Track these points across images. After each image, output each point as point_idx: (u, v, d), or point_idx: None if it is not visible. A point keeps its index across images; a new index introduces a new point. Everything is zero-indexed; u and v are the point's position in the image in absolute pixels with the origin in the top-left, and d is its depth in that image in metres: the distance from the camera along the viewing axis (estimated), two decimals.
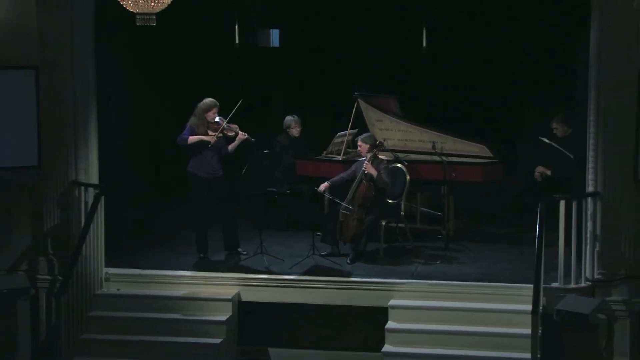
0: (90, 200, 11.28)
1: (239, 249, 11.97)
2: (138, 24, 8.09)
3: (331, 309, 11.17)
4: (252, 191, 12.09)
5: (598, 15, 10.56)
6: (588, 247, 10.80)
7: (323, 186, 11.88)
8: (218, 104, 11.66)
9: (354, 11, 14.37)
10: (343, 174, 12.04)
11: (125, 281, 11.48)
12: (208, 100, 11.68)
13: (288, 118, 13.09)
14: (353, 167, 12.07)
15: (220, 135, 11.62)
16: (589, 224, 10.77)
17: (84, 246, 11.00)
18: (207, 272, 11.47)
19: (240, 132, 11.73)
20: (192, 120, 11.65)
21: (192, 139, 11.56)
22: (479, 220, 13.20)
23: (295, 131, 13.06)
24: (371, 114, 12.99)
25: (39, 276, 11.36)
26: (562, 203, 10.67)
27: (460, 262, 11.85)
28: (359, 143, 12.00)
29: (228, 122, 11.66)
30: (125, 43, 12.21)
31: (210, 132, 11.62)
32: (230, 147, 11.79)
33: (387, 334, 10.73)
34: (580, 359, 9.98)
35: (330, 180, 11.96)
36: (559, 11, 12.30)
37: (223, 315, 11.06)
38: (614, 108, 10.56)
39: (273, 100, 15.00)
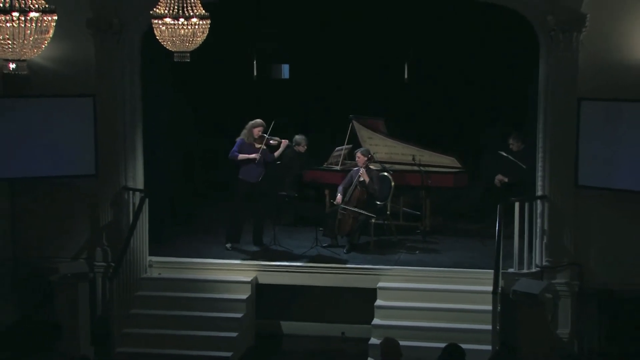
0: (137, 201, 11.29)
1: (262, 243, 11.94)
2: (175, 60, 8.09)
3: (331, 290, 11.19)
4: (268, 194, 12.12)
5: (545, 54, 10.61)
6: (538, 239, 10.82)
7: (338, 199, 11.81)
8: (264, 124, 11.66)
9: (350, 50, 14.42)
10: (343, 184, 11.95)
11: (165, 267, 11.50)
12: (257, 120, 11.70)
13: (298, 137, 12.99)
14: (348, 176, 12.06)
15: (265, 147, 11.62)
16: (538, 221, 10.79)
17: (131, 239, 11.03)
18: (231, 260, 11.46)
19: (282, 140, 11.75)
20: (243, 134, 11.65)
21: (241, 156, 11.56)
22: (450, 218, 13.17)
23: (302, 148, 12.98)
24: (363, 133, 13.00)
25: (96, 263, 11.37)
26: (517, 204, 10.70)
27: (435, 251, 11.86)
28: (358, 155, 11.96)
29: (270, 135, 11.68)
30: (168, 72, 12.23)
31: (256, 145, 11.61)
32: (276, 153, 11.78)
33: (376, 310, 10.76)
34: (531, 330, 9.97)
35: (339, 192, 11.84)
36: (514, 51, 12.37)
37: (244, 294, 11.08)
38: (558, 128, 10.59)
39: (283, 121, 14.99)
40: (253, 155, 11.54)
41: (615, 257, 10.59)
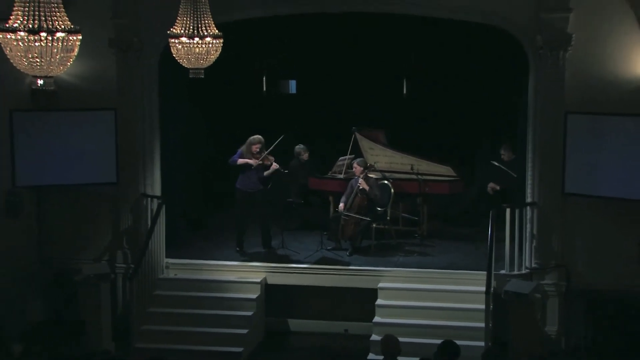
0: (155, 207, 11.32)
1: (270, 246, 11.91)
2: (190, 77, 8.12)
3: (335, 290, 11.20)
4: (276, 201, 12.12)
5: (534, 71, 10.64)
6: (527, 243, 10.81)
7: (341, 207, 11.80)
8: (263, 140, 11.61)
9: (353, 67, 14.41)
10: (346, 194, 11.92)
11: (181, 268, 11.52)
12: (256, 136, 11.64)
13: (298, 147, 12.96)
14: (349, 185, 12.04)
15: (260, 162, 11.63)
16: (528, 226, 10.79)
17: (149, 242, 11.04)
18: (242, 262, 11.48)
19: (274, 164, 11.71)
20: (243, 148, 11.65)
21: (240, 161, 11.56)
22: (446, 223, 13.14)
23: (304, 157, 12.98)
24: (365, 144, 12.97)
25: (117, 264, 11.40)
26: (508, 210, 10.72)
27: (432, 254, 11.84)
28: (354, 165, 11.97)
29: (268, 154, 11.68)
30: (183, 88, 12.25)
31: (253, 159, 11.63)
32: (266, 173, 11.67)
33: (376, 309, 10.77)
34: (521, 327, 9.97)
35: (342, 201, 11.87)
36: (506, 68, 12.36)
37: (254, 294, 11.09)
38: (546, 139, 10.61)
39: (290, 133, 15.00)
40: (252, 161, 11.52)
41: (599, 259, 10.59)
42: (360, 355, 10.36)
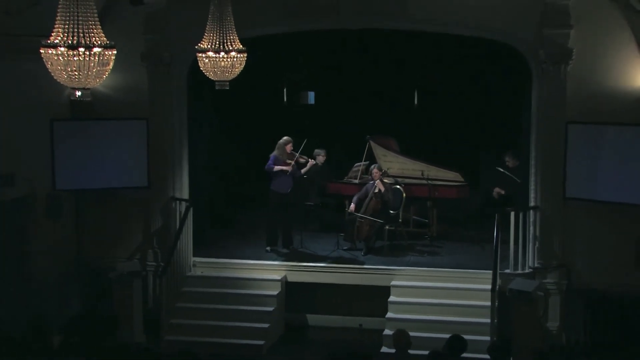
0: (183, 210, 11.36)
1: (291, 246, 11.95)
2: (216, 88, 8.17)
3: (350, 287, 11.19)
4: (296, 204, 12.14)
5: (537, 83, 10.62)
6: (530, 244, 10.79)
7: (352, 208, 11.84)
8: (292, 140, 11.67)
9: (368, 80, 14.43)
10: (358, 195, 11.95)
11: (207, 266, 11.54)
12: (286, 137, 11.68)
13: (317, 150, 13.00)
14: (364, 188, 12.05)
15: (295, 164, 11.66)
16: (531, 228, 10.77)
17: (178, 242, 11.08)
18: (264, 260, 11.49)
19: (310, 160, 11.79)
20: (276, 152, 11.65)
21: (277, 168, 11.56)
22: (454, 225, 13.09)
23: (321, 158, 12.85)
24: (378, 151, 12.96)
25: (148, 263, 11.43)
26: (512, 213, 10.69)
27: (441, 254, 11.83)
28: (374, 170, 11.97)
29: (300, 154, 11.72)
30: (210, 98, 12.30)
31: (287, 160, 11.63)
32: (303, 170, 11.76)
33: (389, 305, 10.76)
34: (525, 323, 9.93)
35: (353, 202, 11.91)
36: (511, 81, 12.34)
37: (275, 291, 11.11)
38: (548, 147, 10.59)
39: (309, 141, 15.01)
40: (287, 167, 11.56)
41: (598, 260, 10.55)
42: (373, 349, 10.35)
